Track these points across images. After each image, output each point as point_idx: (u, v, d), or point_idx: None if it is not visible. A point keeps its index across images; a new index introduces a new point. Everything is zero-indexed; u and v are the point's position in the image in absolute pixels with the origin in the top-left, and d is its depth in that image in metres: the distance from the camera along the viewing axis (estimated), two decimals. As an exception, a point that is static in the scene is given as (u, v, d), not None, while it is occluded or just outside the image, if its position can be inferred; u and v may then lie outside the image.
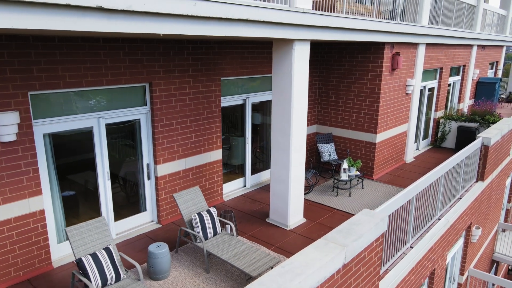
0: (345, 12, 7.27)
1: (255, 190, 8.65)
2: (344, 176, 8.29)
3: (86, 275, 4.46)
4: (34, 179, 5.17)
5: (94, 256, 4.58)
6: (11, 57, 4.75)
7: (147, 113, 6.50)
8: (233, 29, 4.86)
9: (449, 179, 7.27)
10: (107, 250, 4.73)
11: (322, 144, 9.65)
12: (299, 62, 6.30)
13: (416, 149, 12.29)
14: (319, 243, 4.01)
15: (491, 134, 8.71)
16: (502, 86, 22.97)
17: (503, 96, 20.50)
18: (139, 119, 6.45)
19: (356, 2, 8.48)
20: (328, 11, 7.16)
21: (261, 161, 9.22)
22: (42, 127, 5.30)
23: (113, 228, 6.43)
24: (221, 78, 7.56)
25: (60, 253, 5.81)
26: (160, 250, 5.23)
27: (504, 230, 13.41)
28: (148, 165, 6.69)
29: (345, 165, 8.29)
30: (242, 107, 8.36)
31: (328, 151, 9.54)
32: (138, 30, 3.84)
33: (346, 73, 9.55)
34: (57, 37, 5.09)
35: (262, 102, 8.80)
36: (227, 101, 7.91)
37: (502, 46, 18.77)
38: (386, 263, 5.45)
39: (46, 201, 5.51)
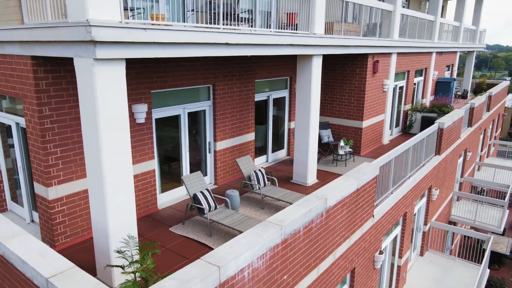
0: (342, 32, 10.27)
1: (275, 164, 11.54)
2: (341, 151, 11.32)
3: (200, 204, 7.20)
4: (150, 148, 7.84)
5: (202, 193, 7.33)
6: (145, 69, 7.41)
7: (210, 105, 9.25)
8: (282, 50, 7.74)
9: (416, 151, 10.40)
10: (207, 190, 7.50)
11: (321, 129, 12.66)
12: (315, 70, 9.24)
13: (390, 135, 15.56)
14: (342, 177, 6.94)
15: (445, 120, 11.97)
16: (459, 85, 26.78)
17: (459, 93, 24.24)
18: (205, 109, 9.19)
19: (342, 21, 11.51)
20: (330, 32, 10.12)
21: (275, 145, 12.10)
22: (155, 114, 7.98)
23: (187, 187, 9.12)
24: (255, 80, 10.39)
25: (161, 200, 8.49)
26: (234, 193, 8.03)
27: (458, 199, 16.94)
28: (209, 142, 9.44)
29: (341, 143, 11.32)
30: (265, 102, 11.21)
31: (326, 135, 12.55)
32: (240, 53, 6.66)
33: (339, 76, 12.60)
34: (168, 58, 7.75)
35: (275, 98, 11.67)
36: (258, 97, 10.75)
37: (456, 52, 22.52)
38: (377, 199, 8.47)
39: (155, 164, 8.18)
